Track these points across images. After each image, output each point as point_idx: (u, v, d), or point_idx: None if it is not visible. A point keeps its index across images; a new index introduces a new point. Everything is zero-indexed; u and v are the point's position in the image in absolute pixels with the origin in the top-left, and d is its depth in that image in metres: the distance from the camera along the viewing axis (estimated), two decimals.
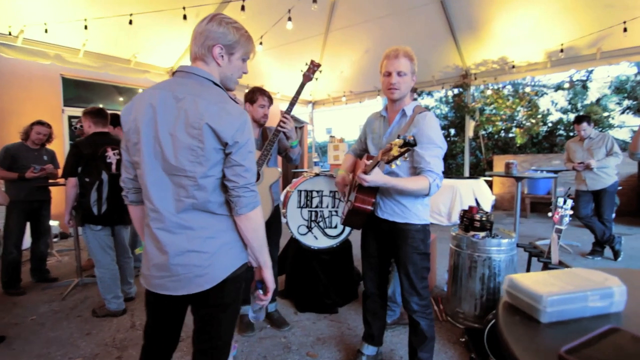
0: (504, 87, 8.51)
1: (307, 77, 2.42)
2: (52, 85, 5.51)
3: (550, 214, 2.31)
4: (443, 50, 6.40)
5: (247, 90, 2.53)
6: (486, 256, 2.42)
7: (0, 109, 4.95)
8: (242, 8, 4.35)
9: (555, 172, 5.20)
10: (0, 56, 4.25)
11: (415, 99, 1.96)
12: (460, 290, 2.54)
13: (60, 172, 3.47)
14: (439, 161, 1.66)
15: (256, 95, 2.45)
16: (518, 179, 3.69)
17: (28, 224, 3.54)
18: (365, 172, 1.49)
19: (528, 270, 2.40)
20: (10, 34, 4.07)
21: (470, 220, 2.51)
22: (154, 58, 5.57)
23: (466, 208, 2.65)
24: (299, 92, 2.39)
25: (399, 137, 1.20)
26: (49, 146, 3.66)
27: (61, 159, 3.56)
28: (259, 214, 1.20)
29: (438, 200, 5.99)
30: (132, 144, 1.16)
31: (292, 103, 2.41)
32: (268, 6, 4.90)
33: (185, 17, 4.26)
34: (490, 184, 7.45)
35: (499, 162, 7.68)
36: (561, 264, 2.07)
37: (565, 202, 2.00)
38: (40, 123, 3.46)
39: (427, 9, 5.44)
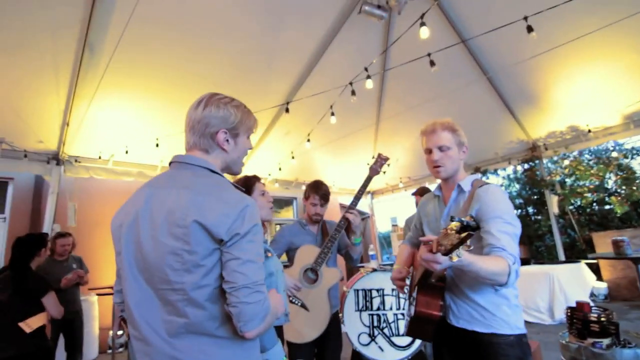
0: (580, 154, 7.68)
1: (375, 170, 2.34)
2: None
3: None
4: (502, 125, 6.11)
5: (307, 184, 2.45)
6: None
7: (92, 222, 5.54)
8: (287, 110, 4.65)
9: None
10: (92, 177, 4.94)
11: (473, 174, 1.68)
12: None
13: (89, 276, 3.54)
14: (511, 240, 1.28)
15: (308, 192, 2.34)
16: (636, 260, 2.87)
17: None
18: (433, 250, 1.04)
19: None
20: (100, 157, 4.75)
21: (583, 322, 1.88)
22: None
23: (572, 304, 2.03)
24: (365, 185, 2.30)
25: (452, 219, 0.90)
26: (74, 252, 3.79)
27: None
28: (269, 323, 0.92)
29: (533, 293, 4.97)
30: (117, 254, 1.00)
31: (358, 197, 2.27)
32: (314, 105, 5.20)
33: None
34: (595, 267, 6.16)
35: (601, 240, 6.43)
36: None
37: None
38: (61, 235, 3.64)
39: (475, 87, 5.36)
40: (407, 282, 1.66)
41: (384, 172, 2.46)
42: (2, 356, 2.16)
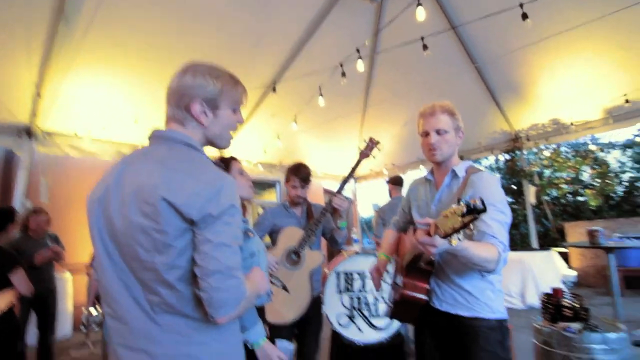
0: (558, 147, 7.90)
1: (365, 154, 2.29)
2: None
3: None
4: (487, 115, 6.18)
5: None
6: (588, 357, 1.79)
7: (66, 199, 5.34)
8: (274, 89, 4.54)
9: None
10: (67, 155, 4.73)
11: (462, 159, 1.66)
12: None
13: (65, 254, 3.43)
14: (503, 228, 1.28)
15: (288, 175, 2.30)
16: (609, 249, 2.97)
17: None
18: (430, 233, 1.02)
19: None
20: (75, 134, 4.54)
21: (556, 307, 1.94)
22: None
23: (547, 289, 2.09)
24: (354, 169, 2.24)
25: (459, 201, 0.87)
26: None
27: None
28: (246, 307, 0.89)
29: (506, 279, 5.15)
30: (90, 230, 0.94)
31: (345, 181, 2.24)
32: (302, 86, 5.08)
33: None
34: (565, 256, 6.42)
35: (573, 230, 6.70)
36: None
37: None
38: (36, 212, 3.46)
39: (463, 76, 5.37)
40: (390, 268, 1.66)
41: (374, 157, 2.42)
42: None
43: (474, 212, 0.84)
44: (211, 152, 1.05)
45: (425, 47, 3.71)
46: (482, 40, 4.99)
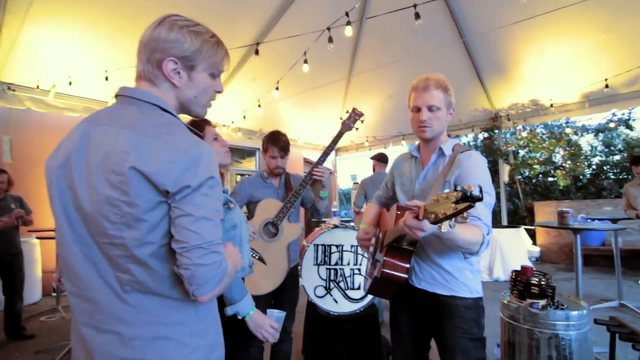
0: (535, 128, 8.08)
1: (347, 126, 2.18)
2: None
3: None
4: (470, 92, 6.17)
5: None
6: (551, 333, 1.89)
7: (31, 159, 5.03)
8: (257, 52, 4.31)
9: (613, 220, 4.55)
10: (29, 109, 4.39)
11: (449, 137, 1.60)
12: None
13: (33, 216, 3.28)
14: (487, 210, 1.26)
15: (266, 144, 2.20)
16: (576, 230, 3.12)
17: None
18: (419, 217, 0.96)
19: (612, 355, 1.84)
20: (38, 87, 4.20)
21: (525, 284, 2.02)
22: None
23: (514, 264, 2.16)
24: (335, 141, 2.16)
25: (456, 188, 0.81)
26: (12, 191, 3.46)
27: None
28: (227, 284, 0.84)
29: None
30: (50, 199, 0.85)
31: (327, 152, 2.16)
32: (287, 50, 4.86)
33: None
34: (531, 233, 6.74)
35: (541, 209, 7.00)
36: None
37: None
38: None
39: (449, 50, 5.28)
40: (372, 242, 1.65)
41: (357, 129, 2.35)
42: None
43: (470, 199, 0.79)
44: (183, 116, 0.95)
45: (417, 15, 3.58)
46: (473, 14, 4.88)
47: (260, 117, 6.21)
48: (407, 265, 1.33)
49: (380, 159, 4.34)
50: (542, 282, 2.00)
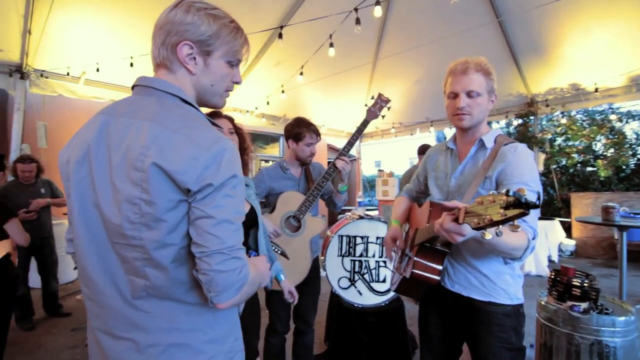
0: (575, 114, 7.58)
1: (373, 113, 2.07)
2: None
3: None
4: (504, 76, 5.82)
5: (288, 123, 2.18)
6: (594, 339, 1.75)
7: (64, 144, 5.21)
8: (280, 36, 4.19)
9: None
10: (61, 95, 4.50)
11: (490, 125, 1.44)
12: None
13: (64, 200, 3.33)
14: (533, 211, 1.13)
15: (303, 131, 2.06)
16: (622, 228, 2.86)
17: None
18: (459, 221, 0.87)
19: None
20: (68, 74, 4.29)
21: (566, 285, 1.88)
22: None
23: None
24: (360, 130, 2.05)
25: (507, 193, 0.70)
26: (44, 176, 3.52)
27: None
28: (248, 293, 0.79)
29: None
30: (67, 196, 0.80)
31: (351, 142, 2.05)
32: (310, 34, 4.70)
33: None
34: (566, 225, 6.40)
35: (579, 201, 6.61)
36: None
37: None
38: (21, 160, 3.28)
39: (484, 30, 4.95)
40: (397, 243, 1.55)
41: (383, 117, 2.22)
42: None
43: (524, 206, 0.67)
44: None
45: None
46: None
47: (283, 102, 6.13)
48: (440, 268, 1.23)
49: (421, 151, 4.17)
50: (585, 284, 1.86)
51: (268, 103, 6.12)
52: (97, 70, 4.25)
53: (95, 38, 4.13)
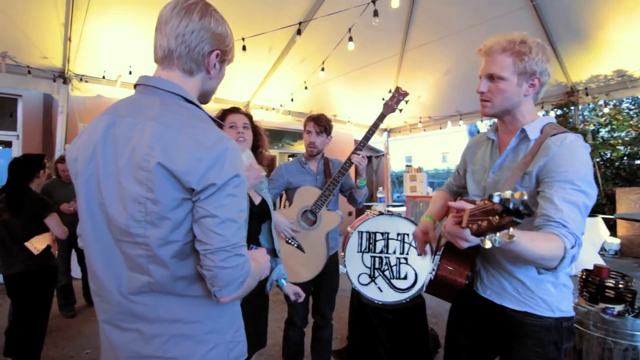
0: (620, 103, 7.02)
1: (390, 107, 2.05)
2: None
3: None
4: None
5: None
6: (629, 344, 1.63)
7: None
8: (298, 32, 4.18)
9: None
10: (100, 96, 4.79)
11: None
12: None
13: None
14: (579, 214, 0.97)
15: (306, 121, 2.15)
16: None
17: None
18: (461, 224, 0.80)
19: None
20: (104, 77, 4.54)
21: (598, 286, 1.76)
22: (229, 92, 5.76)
23: (585, 259, 1.89)
24: (376, 125, 2.03)
25: (491, 198, 0.65)
26: None
27: None
28: (250, 287, 0.81)
29: None
30: (77, 194, 0.84)
31: (367, 137, 2.04)
32: (332, 29, 4.66)
33: (244, 48, 4.21)
34: (610, 223, 5.97)
35: (625, 197, 6.15)
36: None
37: None
38: (61, 161, 3.48)
39: (518, 15, 4.68)
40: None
41: (400, 110, 2.18)
42: (9, 272, 2.24)
43: (513, 213, 0.61)
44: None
45: None
46: None
47: (308, 99, 6.14)
48: (468, 272, 1.13)
49: None
50: (620, 285, 1.73)
51: (292, 100, 6.16)
52: (130, 72, 4.46)
53: (127, 42, 4.33)
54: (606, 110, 6.03)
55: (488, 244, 0.69)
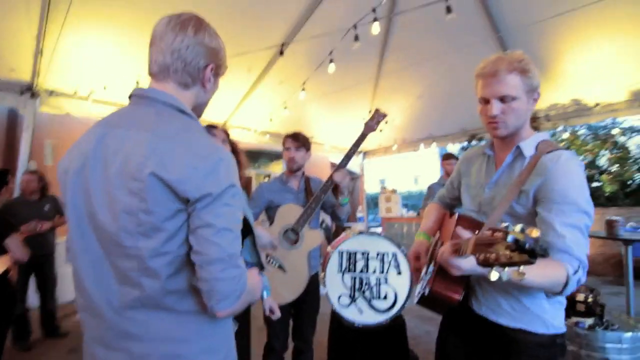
0: (578, 129, 7.55)
1: (371, 127, 2.10)
2: None
3: None
4: None
5: None
6: (600, 356, 1.70)
7: None
8: (281, 52, 4.27)
9: None
10: (69, 115, 4.61)
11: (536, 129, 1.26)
12: None
13: (64, 219, 3.31)
14: (581, 237, 0.98)
15: (284, 140, 2.18)
16: (627, 242, 2.82)
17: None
18: (458, 252, 0.85)
19: None
20: (76, 93, 4.40)
21: (570, 301, 1.83)
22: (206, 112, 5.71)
23: None
24: (358, 144, 2.09)
25: (506, 235, 0.62)
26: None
27: None
28: (245, 303, 0.80)
29: None
30: (65, 206, 0.82)
31: (349, 155, 2.08)
32: (314, 51, 4.79)
33: None
34: None
35: None
36: None
37: None
38: (29, 172, 3.32)
39: (483, 47, 5.02)
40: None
41: (381, 130, 2.24)
42: None
43: (530, 253, 0.59)
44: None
45: (448, 9, 3.42)
46: (509, 7, 4.62)
47: (287, 119, 6.20)
48: (462, 288, 1.12)
49: (446, 158, 4.22)
50: (589, 299, 1.81)
51: (271, 120, 6.20)
52: (105, 88, 4.36)
53: (103, 57, 4.25)
54: (565, 135, 6.46)
55: (494, 276, 0.67)
